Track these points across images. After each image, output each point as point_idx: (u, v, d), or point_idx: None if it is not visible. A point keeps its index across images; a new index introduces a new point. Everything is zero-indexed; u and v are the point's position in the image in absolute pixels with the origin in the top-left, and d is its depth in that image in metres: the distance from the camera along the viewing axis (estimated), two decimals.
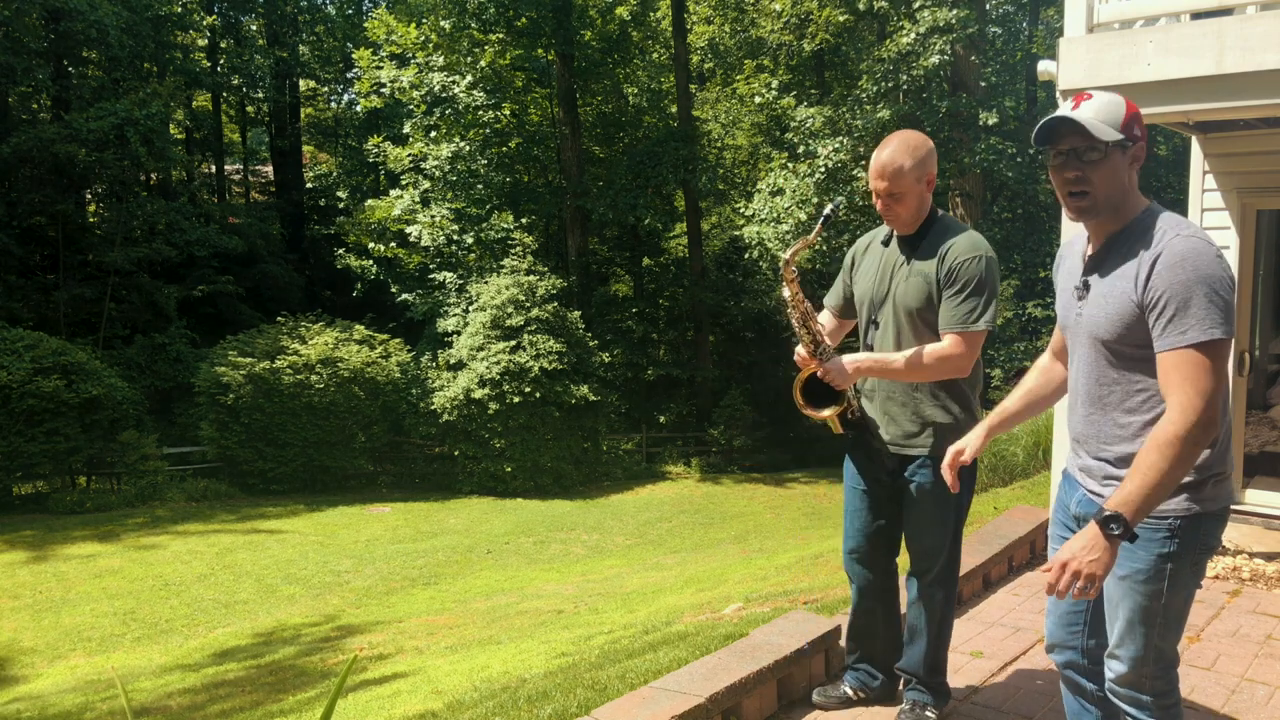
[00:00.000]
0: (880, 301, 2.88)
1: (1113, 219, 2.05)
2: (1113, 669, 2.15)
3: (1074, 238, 2.28)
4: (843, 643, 3.38)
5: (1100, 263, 2.08)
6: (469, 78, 21.85)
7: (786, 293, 2.84)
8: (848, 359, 2.83)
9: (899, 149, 2.76)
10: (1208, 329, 1.88)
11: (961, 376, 2.78)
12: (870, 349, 2.90)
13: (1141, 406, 2.04)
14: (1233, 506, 5.48)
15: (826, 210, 2.81)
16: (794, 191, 17.51)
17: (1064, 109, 2.03)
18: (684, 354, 25.68)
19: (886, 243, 2.94)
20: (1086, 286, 2.10)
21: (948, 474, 2.43)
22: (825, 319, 3.07)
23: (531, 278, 19.98)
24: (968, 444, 2.44)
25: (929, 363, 2.73)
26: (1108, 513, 1.89)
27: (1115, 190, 2.03)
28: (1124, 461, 2.06)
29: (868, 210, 17.29)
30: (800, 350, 2.88)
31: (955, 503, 2.87)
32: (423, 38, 22.70)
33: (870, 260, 2.97)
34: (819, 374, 2.83)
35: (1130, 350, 2.02)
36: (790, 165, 18.21)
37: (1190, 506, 2.02)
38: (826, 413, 2.89)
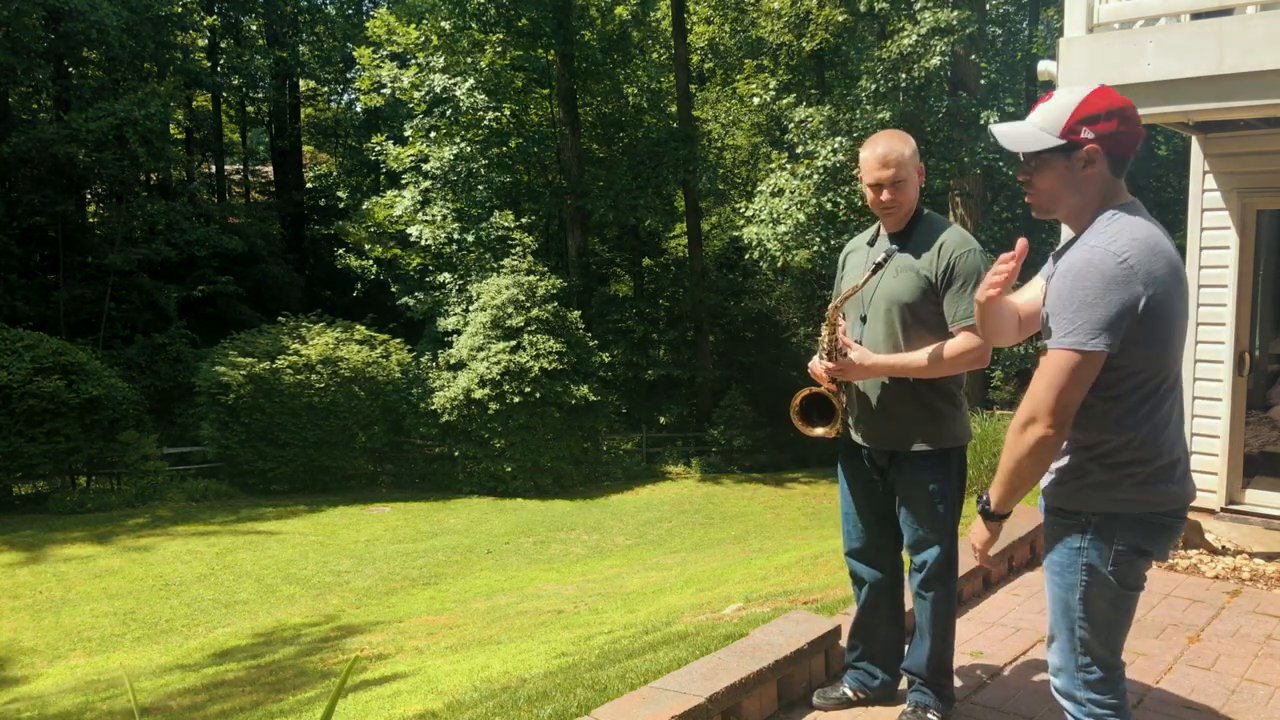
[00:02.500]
0: (868, 298, 2.91)
1: (1074, 221, 2.10)
2: (1050, 662, 2.21)
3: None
4: (843, 643, 3.38)
5: (1056, 260, 2.17)
6: (470, 80, 21.86)
7: (825, 331, 2.91)
8: (868, 357, 2.85)
9: (894, 139, 2.84)
10: (1066, 335, 1.95)
11: (982, 367, 2.85)
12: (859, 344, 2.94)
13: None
14: (1232, 507, 5.49)
15: (879, 257, 2.82)
16: (794, 192, 17.52)
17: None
18: (684, 354, 25.67)
19: (872, 242, 2.99)
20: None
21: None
22: None
23: (531, 278, 19.98)
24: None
25: (950, 357, 2.74)
26: (979, 500, 2.14)
27: (1059, 191, 2.07)
28: (1073, 452, 2.14)
29: (868, 210, 17.27)
30: (815, 364, 2.93)
31: (947, 496, 2.86)
32: (423, 38, 22.70)
33: (856, 260, 3.02)
34: (833, 370, 2.88)
35: None
36: (790, 166, 18.22)
37: (1101, 506, 2.06)
38: (819, 431, 2.98)
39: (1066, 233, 2.28)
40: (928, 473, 2.84)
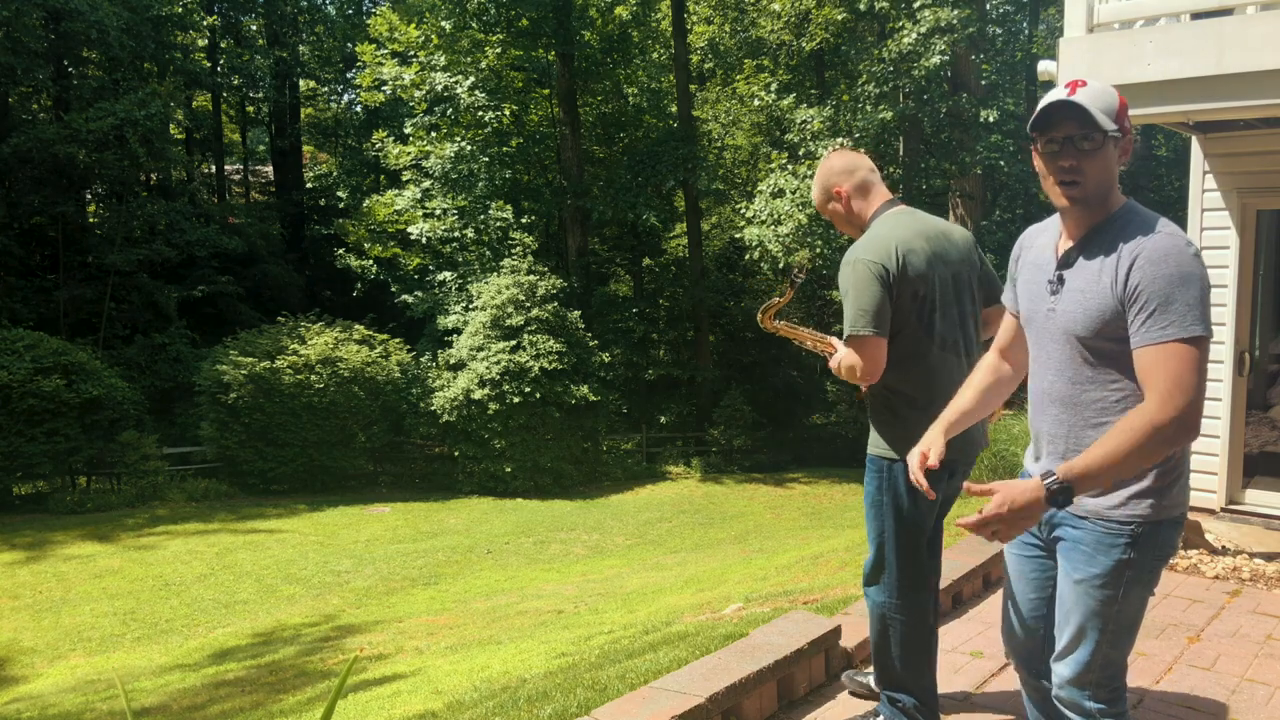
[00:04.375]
0: None
1: (1098, 211, 2.01)
2: (1059, 673, 2.11)
3: (1034, 230, 2.24)
4: (843, 643, 3.38)
5: (1077, 257, 2.03)
6: (471, 79, 21.87)
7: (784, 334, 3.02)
8: (833, 358, 2.91)
9: (818, 173, 2.92)
10: (1190, 325, 1.85)
11: (868, 381, 2.71)
12: None
13: (1115, 405, 1.99)
14: (1232, 507, 5.49)
15: (793, 273, 2.94)
16: (794, 193, 17.52)
17: (1060, 94, 1.97)
18: (684, 354, 25.67)
19: None
20: (1061, 281, 2.05)
21: (920, 480, 2.21)
22: None
23: (531, 278, 19.98)
24: (930, 447, 2.24)
25: (840, 372, 2.78)
26: (1058, 481, 1.85)
27: (1106, 181, 1.98)
28: None
29: None
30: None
31: (880, 505, 2.79)
32: (423, 37, 22.71)
33: None
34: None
35: (1107, 346, 1.97)
36: (790, 166, 18.22)
37: (1152, 514, 1.99)
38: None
39: (1036, 234, 2.20)
40: (869, 477, 2.82)
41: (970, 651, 3.60)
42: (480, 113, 22.10)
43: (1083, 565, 2.04)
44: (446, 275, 21.91)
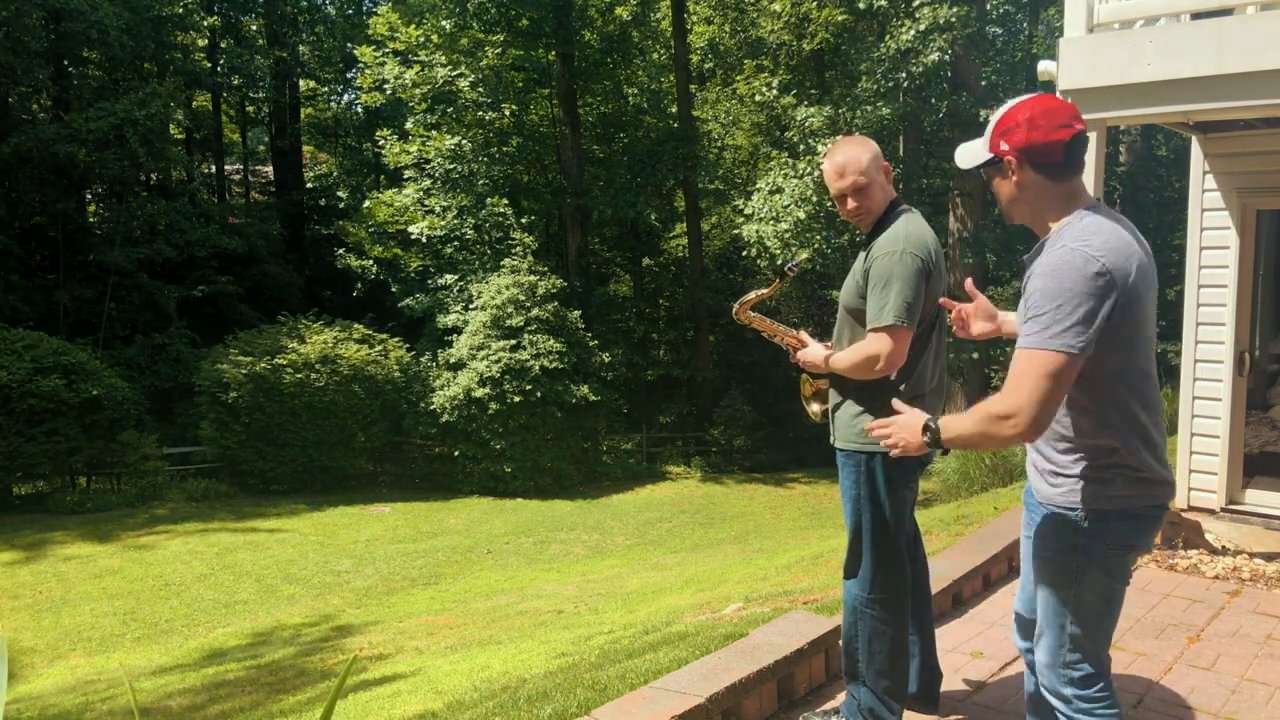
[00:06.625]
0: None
1: (1034, 226, 2.15)
2: (1037, 659, 2.21)
3: None
4: (842, 643, 3.38)
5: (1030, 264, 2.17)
6: (471, 77, 21.90)
7: (756, 326, 3.05)
8: (807, 353, 2.94)
9: (852, 146, 2.81)
10: (1042, 337, 1.93)
11: (884, 374, 2.69)
12: None
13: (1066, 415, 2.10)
14: (1233, 507, 5.48)
15: (788, 266, 2.93)
16: (793, 190, 17.53)
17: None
18: (684, 354, 25.69)
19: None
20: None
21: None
22: None
23: (532, 277, 19.99)
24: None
25: (853, 361, 2.72)
26: (935, 422, 2.10)
27: (1009, 201, 2.14)
28: (1065, 452, 2.10)
29: None
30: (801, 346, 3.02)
31: (860, 500, 2.78)
32: (423, 37, 22.72)
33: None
34: (797, 362, 2.97)
35: None
36: (790, 164, 18.23)
37: (1096, 503, 2.04)
38: (814, 408, 3.05)
39: None
40: (845, 471, 2.81)
41: (970, 651, 3.60)
42: (480, 112, 22.09)
43: (1040, 548, 2.17)
44: (448, 278, 21.89)
